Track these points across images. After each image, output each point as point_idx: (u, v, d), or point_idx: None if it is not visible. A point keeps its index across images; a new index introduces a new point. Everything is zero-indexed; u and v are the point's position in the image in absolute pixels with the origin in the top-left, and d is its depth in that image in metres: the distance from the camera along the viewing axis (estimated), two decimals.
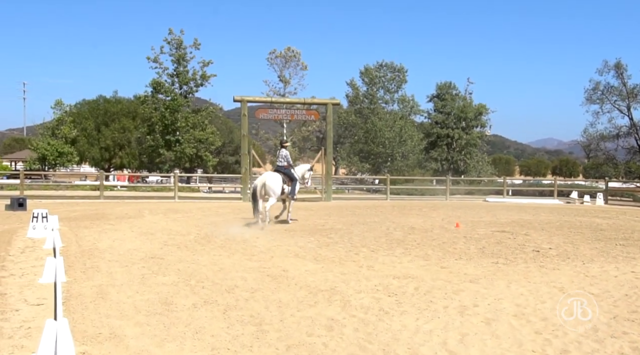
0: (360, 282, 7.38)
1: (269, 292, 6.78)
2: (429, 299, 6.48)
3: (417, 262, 9.13)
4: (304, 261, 9.08)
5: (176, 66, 41.18)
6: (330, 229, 13.70)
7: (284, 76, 47.32)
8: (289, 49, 47.65)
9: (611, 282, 7.56)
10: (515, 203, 27.08)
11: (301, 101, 26.11)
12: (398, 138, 44.55)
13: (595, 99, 45.05)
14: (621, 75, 44.31)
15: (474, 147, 43.87)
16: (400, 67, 48.69)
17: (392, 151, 45.09)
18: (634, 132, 44.52)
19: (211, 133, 41.64)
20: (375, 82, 48.09)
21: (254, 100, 26.02)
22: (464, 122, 43.62)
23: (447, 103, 43.90)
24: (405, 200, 28.94)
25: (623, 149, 45.55)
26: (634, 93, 44.07)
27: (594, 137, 45.57)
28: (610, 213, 21.20)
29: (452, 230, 13.76)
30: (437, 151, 43.68)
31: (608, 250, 10.68)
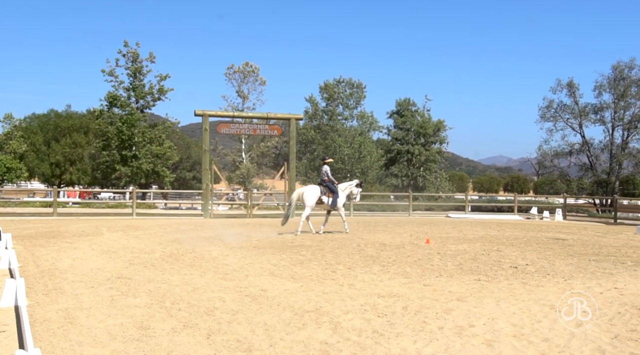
0: (345, 302, 7.03)
1: (252, 314, 6.36)
2: (421, 319, 6.17)
3: (398, 279, 8.84)
4: (281, 280, 8.68)
5: (132, 80, 40.29)
6: (300, 246, 13.32)
7: (243, 91, 46.85)
8: (247, 63, 47.26)
9: (599, 299, 7.40)
10: (477, 219, 27.23)
11: (264, 116, 25.72)
12: (357, 154, 44.51)
13: (549, 117, 46.05)
14: (573, 94, 45.50)
15: (433, 163, 44.21)
16: (359, 83, 48.80)
17: (351, 167, 45.00)
18: (585, 149, 45.62)
19: (168, 148, 40.79)
20: (335, 98, 48.05)
21: (216, 114, 25.52)
22: (424, 138, 43.91)
23: (407, 119, 44.15)
24: (367, 216, 28.76)
25: (575, 166, 46.62)
26: (586, 111, 45.23)
27: (547, 154, 46.48)
28: (572, 228, 21.46)
29: (423, 247, 13.57)
30: (397, 167, 43.80)
31: (584, 266, 10.62)
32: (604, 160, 45.86)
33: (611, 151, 44.59)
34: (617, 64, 44.52)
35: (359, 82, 48.81)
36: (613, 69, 44.61)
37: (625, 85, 43.98)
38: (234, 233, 16.59)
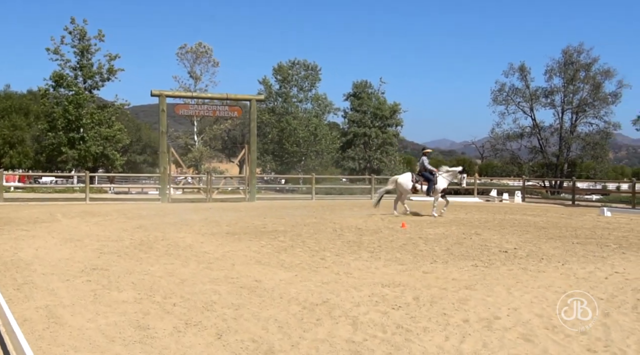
0: (351, 293, 6.57)
1: (256, 308, 5.82)
2: (440, 311, 5.76)
3: (393, 267, 8.43)
4: (271, 269, 8.14)
5: (79, 59, 38.45)
6: (274, 231, 12.78)
7: (195, 72, 45.50)
8: (200, 44, 45.86)
9: (608, 285, 7.19)
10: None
11: (224, 96, 24.83)
12: (313, 137, 44.03)
13: (501, 100, 46.67)
14: (525, 78, 46.21)
15: (390, 146, 44.13)
16: (313, 65, 48.13)
17: (306, 150, 44.54)
18: (536, 132, 46.48)
19: (118, 130, 39.24)
20: (289, 80, 47.28)
21: (173, 94, 24.53)
22: (380, 121, 43.71)
23: (364, 101, 43.82)
24: (326, 200, 28.35)
25: (526, 148, 47.46)
26: (537, 95, 46.04)
27: (500, 137, 47.13)
28: (535, 210, 21.59)
29: (401, 231, 13.24)
30: (354, 150, 43.51)
31: (571, 249, 10.48)
32: (553, 143, 46.85)
33: (561, 134, 45.58)
34: (567, 49, 45.44)
35: (313, 64, 48.15)
36: (563, 53, 45.53)
37: (574, 69, 44.93)
38: (199, 218, 15.88)
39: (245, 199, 25.13)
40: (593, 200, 32.85)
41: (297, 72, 47.76)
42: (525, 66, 45.97)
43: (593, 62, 44.91)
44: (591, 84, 44.91)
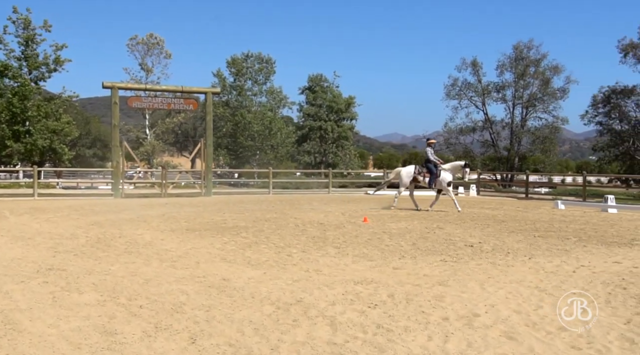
0: (324, 291, 6.38)
1: (228, 309, 5.58)
2: (417, 309, 5.64)
3: (362, 263, 8.30)
4: (237, 267, 7.89)
5: (24, 49, 36.93)
6: (236, 227, 12.50)
7: (146, 64, 44.41)
8: (151, 35, 44.70)
9: (577, 279, 7.22)
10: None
11: (179, 89, 24.22)
12: (268, 131, 43.62)
13: (454, 95, 47.22)
14: (477, 73, 46.84)
15: (345, 140, 44.11)
16: (268, 58, 47.58)
17: (261, 144, 44.10)
18: (488, 126, 47.23)
19: (67, 123, 37.89)
20: (243, 73, 46.64)
21: (126, 86, 23.81)
22: (336, 115, 43.62)
23: (319, 95, 43.63)
24: (284, 194, 28.11)
25: (478, 142, 48.19)
26: (489, 90, 46.77)
27: (453, 131, 47.71)
28: (491, 204, 21.88)
29: (364, 225, 13.14)
30: (309, 144, 43.29)
31: (534, 242, 10.57)
32: (504, 137, 47.73)
33: (511, 128, 46.44)
34: (517, 44, 46.25)
35: (268, 57, 47.61)
36: (514, 49, 46.33)
37: (524, 65, 45.79)
38: (157, 214, 15.43)
39: (201, 194, 24.65)
40: (542, 193, 33.62)
41: (251, 65, 47.15)
42: (478, 61, 46.66)
43: (542, 58, 45.89)
44: (540, 80, 45.86)
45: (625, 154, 41.17)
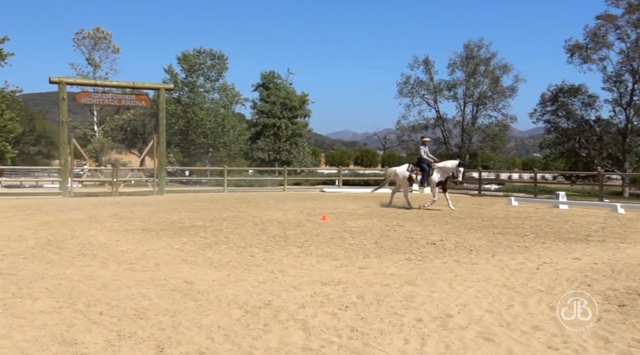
0: (292, 293, 6.21)
1: (194, 314, 5.34)
2: (389, 311, 5.53)
3: (327, 262, 8.15)
4: (199, 268, 7.63)
5: None
6: (193, 227, 12.18)
7: (94, 59, 43.21)
8: (98, 29, 43.57)
9: (543, 276, 7.26)
10: (351, 192, 27.27)
11: (130, 85, 23.53)
12: (221, 128, 43.06)
13: (406, 93, 47.66)
14: (429, 71, 47.39)
15: (299, 137, 43.90)
16: (220, 54, 46.97)
17: (214, 141, 43.52)
18: (440, 124, 47.86)
19: (9, 120, 36.51)
20: (195, 69, 45.89)
21: (75, 82, 23.00)
22: (290, 112, 43.38)
23: (272, 92, 43.28)
24: (238, 192, 27.74)
25: (431, 140, 48.71)
26: (440, 88, 47.38)
27: (405, 129, 48.14)
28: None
29: (323, 224, 13.01)
30: (263, 141, 42.91)
31: (494, 240, 10.64)
32: (456, 134, 48.49)
33: (463, 126, 47.19)
34: (468, 43, 46.99)
35: (220, 53, 47.02)
36: (465, 47, 47.05)
37: (475, 63, 46.55)
38: (109, 214, 14.92)
39: (154, 192, 24.07)
40: (492, 190, 34.22)
41: (203, 61, 46.47)
42: (430, 59, 47.19)
43: (492, 57, 46.77)
44: (490, 78, 46.73)
45: (571, 151, 42.32)
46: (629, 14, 38.10)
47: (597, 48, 39.79)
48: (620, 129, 39.47)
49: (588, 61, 39.98)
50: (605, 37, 39.31)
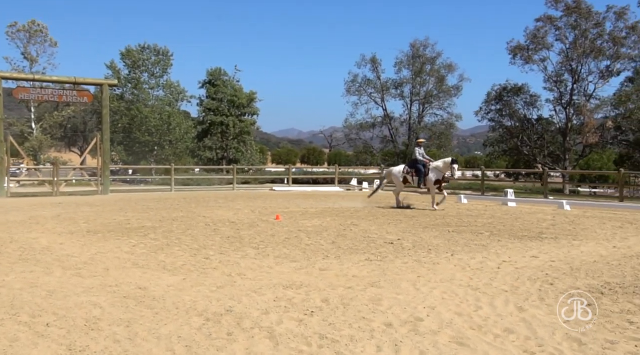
0: (253, 298, 5.93)
1: (151, 323, 4.99)
2: (357, 315, 5.32)
3: (286, 264, 7.89)
4: (152, 273, 7.24)
5: None
6: (142, 228, 11.70)
7: (30, 53, 41.48)
8: (33, 22, 41.80)
9: (505, 275, 7.20)
10: (301, 191, 27.06)
11: (71, 80, 22.57)
12: (166, 125, 42.06)
13: (354, 91, 47.75)
14: (376, 69, 47.61)
15: (247, 135, 43.33)
16: (164, 50, 45.81)
17: (159, 139, 42.48)
18: (387, 122, 48.18)
19: None
20: (139, 65, 44.63)
21: (12, 76, 21.89)
22: (237, 109, 42.76)
23: (219, 89, 42.54)
24: (185, 191, 27.13)
25: (378, 138, 49.08)
26: (387, 86, 47.68)
27: (353, 127, 48.24)
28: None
29: (277, 223, 12.74)
30: (210, 139, 42.14)
31: (451, 238, 10.60)
32: (403, 132, 48.87)
33: (409, 124, 47.62)
34: (414, 42, 47.40)
35: (164, 49, 45.86)
36: (411, 46, 47.46)
37: (421, 62, 47.04)
38: (51, 215, 14.22)
39: (97, 192, 23.21)
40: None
41: (147, 57, 45.25)
42: (377, 58, 47.39)
43: (437, 56, 47.35)
44: (436, 77, 47.33)
45: (513, 149, 43.27)
46: (567, 16, 39.26)
47: (537, 49, 40.80)
48: (561, 127, 40.63)
49: (529, 62, 40.94)
50: (544, 39, 40.37)
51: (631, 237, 10.95)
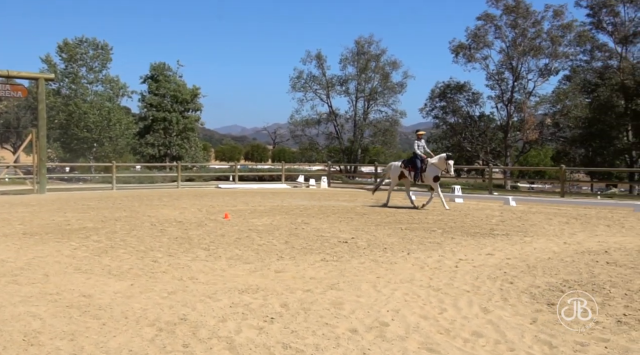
0: (208, 304, 5.59)
1: (99, 336, 4.60)
2: (319, 321, 5.06)
3: (240, 266, 7.57)
4: (97, 278, 6.79)
5: None
6: (83, 229, 11.11)
7: None
8: None
9: (464, 275, 7.10)
10: (248, 189, 26.60)
11: (4, 73, 21.38)
12: (106, 122, 40.69)
13: (299, 87, 47.51)
14: (321, 66, 47.49)
15: (191, 132, 42.40)
16: (104, 44, 44.30)
17: (99, 136, 41.05)
18: (332, 119, 48.15)
19: None
20: (76, 59, 42.98)
21: None
22: (181, 105, 41.78)
23: (162, 84, 41.45)
24: (128, 189, 26.25)
25: (324, 134, 48.99)
26: (332, 83, 47.62)
27: (299, 123, 47.99)
28: (345, 196, 22.02)
29: (226, 223, 12.37)
30: (153, 136, 41.01)
31: (405, 236, 10.50)
32: (348, 129, 48.97)
33: (355, 121, 47.72)
34: (359, 39, 47.51)
35: (104, 43, 44.37)
36: (356, 43, 47.54)
37: (365, 59, 47.18)
38: None
39: (33, 191, 22.14)
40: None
41: (85, 51, 43.64)
42: (322, 54, 47.31)
43: (382, 53, 47.63)
44: (381, 74, 47.58)
45: (456, 145, 43.97)
46: (507, 15, 40.15)
47: (479, 48, 41.59)
48: (502, 124, 41.54)
49: (472, 60, 41.71)
50: (485, 37, 41.18)
51: (579, 233, 11.10)
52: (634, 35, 37.99)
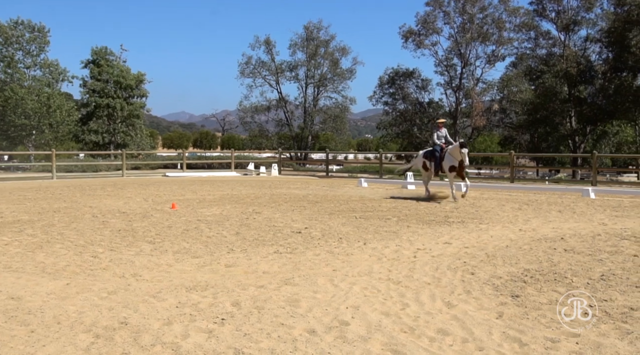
0: (152, 305, 5.12)
1: (26, 346, 4.08)
2: (274, 321, 4.67)
3: (188, 261, 7.10)
4: (29, 277, 6.21)
5: None
6: (17, 222, 10.39)
7: None
8: None
9: (424, 266, 6.82)
10: (196, 177, 25.89)
11: None
12: (45, 108, 39.01)
13: (248, 73, 46.79)
14: (270, 51, 46.86)
15: (136, 119, 41.08)
16: (40, 26, 42.37)
17: (38, 123, 39.35)
18: (282, 105, 47.62)
19: None
20: (11, 42, 40.99)
21: None
22: (125, 91, 40.42)
23: (105, 70, 39.95)
24: (73, 178, 25.19)
25: (273, 121, 48.44)
26: (282, 68, 47.06)
27: (248, 110, 47.28)
28: (297, 183, 21.62)
29: (173, 213, 11.82)
30: (96, 122, 39.55)
31: (359, 225, 10.20)
32: (298, 116, 48.57)
33: (305, 107, 47.33)
34: (308, 24, 47.07)
35: (40, 26, 42.42)
36: (305, 29, 47.08)
37: (315, 45, 46.81)
38: None
39: None
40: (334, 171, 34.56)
41: (21, 34, 41.65)
42: (271, 40, 46.75)
43: (331, 39, 47.40)
44: (330, 60, 47.32)
45: (405, 132, 44.15)
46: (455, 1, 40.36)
47: (428, 34, 41.73)
48: (451, 110, 41.86)
49: (421, 46, 41.81)
50: (434, 23, 41.32)
51: (532, 219, 11.04)
52: (575, 23, 38.73)
